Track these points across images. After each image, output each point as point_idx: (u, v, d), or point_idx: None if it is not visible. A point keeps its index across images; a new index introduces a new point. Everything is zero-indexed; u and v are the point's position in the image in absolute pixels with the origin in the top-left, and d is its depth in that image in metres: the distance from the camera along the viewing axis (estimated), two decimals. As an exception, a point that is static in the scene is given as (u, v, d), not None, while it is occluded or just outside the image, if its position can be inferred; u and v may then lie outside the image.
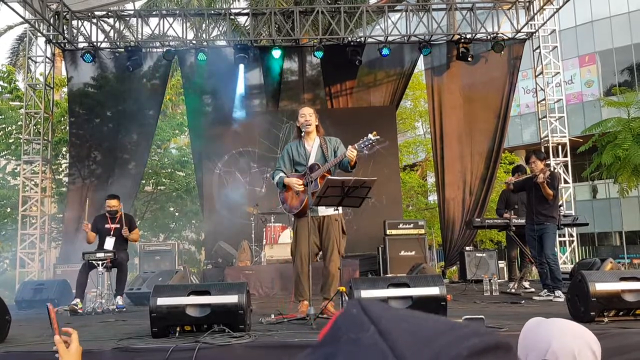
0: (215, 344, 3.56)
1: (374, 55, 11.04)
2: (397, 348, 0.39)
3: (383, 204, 10.59)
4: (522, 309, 5.57)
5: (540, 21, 10.99)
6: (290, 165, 5.23)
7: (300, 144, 5.23)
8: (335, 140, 5.27)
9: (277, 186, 5.23)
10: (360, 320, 0.43)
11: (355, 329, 0.42)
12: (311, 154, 5.16)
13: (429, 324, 0.42)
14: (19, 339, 4.26)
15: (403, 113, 19.01)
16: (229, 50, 11.00)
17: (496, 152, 11.06)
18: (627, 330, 3.79)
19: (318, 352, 0.44)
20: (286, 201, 5.21)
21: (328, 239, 5.07)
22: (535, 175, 6.33)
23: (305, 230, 4.93)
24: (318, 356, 0.43)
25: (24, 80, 12.40)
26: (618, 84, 21.99)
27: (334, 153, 5.12)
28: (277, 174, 5.19)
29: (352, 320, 0.43)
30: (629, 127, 14.15)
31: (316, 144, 5.20)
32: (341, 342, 0.42)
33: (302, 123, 5.17)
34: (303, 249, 5.01)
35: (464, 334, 0.41)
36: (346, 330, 0.43)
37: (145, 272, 8.32)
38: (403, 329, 0.41)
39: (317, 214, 5.03)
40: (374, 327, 0.41)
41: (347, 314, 0.44)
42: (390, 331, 0.41)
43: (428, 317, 0.44)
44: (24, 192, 10.71)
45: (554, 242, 6.63)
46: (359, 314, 0.43)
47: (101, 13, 11.09)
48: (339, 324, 0.44)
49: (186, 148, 17.15)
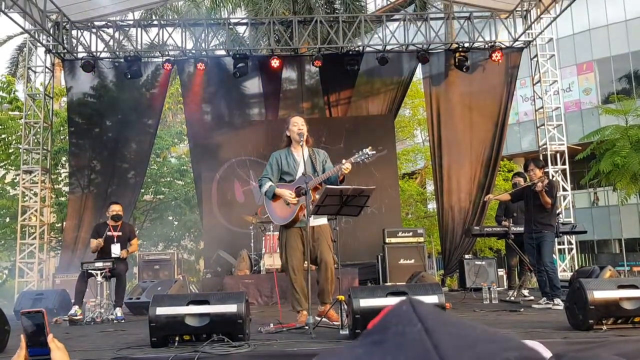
0: (214, 353, 3.56)
1: (372, 64, 11.08)
2: (440, 347, 0.41)
3: (382, 213, 10.60)
4: (521, 317, 5.56)
5: (538, 30, 11.04)
6: (278, 174, 5.15)
7: (289, 154, 5.17)
8: (323, 154, 5.24)
9: (266, 195, 5.10)
10: (409, 316, 0.45)
11: (404, 322, 0.45)
12: (300, 164, 5.09)
13: (472, 330, 0.44)
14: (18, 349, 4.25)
15: (402, 121, 19.06)
16: (228, 59, 11.05)
17: (494, 160, 11.08)
18: (625, 337, 3.79)
19: (368, 339, 0.46)
20: (275, 211, 5.10)
21: (321, 247, 5.04)
22: (534, 184, 6.34)
23: (294, 241, 4.93)
24: (368, 342, 0.45)
25: (24, 91, 12.43)
26: (616, 91, 22.03)
27: (323, 166, 5.11)
28: (266, 183, 5.07)
29: (401, 315, 0.46)
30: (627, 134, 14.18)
31: (305, 155, 5.12)
32: (389, 332, 0.45)
33: (297, 133, 5.03)
34: (295, 260, 5.00)
35: (505, 345, 0.43)
36: (395, 322, 0.45)
37: (144, 282, 8.30)
38: (447, 331, 0.43)
39: (304, 225, 4.83)
40: (421, 324, 0.44)
41: (398, 309, 0.47)
42: (435, 330, 0.43)
43: (472, 324, 0.46)
44: (23, 201, 10.71)
45: (552, 250, 6.64)
46: (409, 311, 0.46)
47: (101, 23, 11.14)
48: (389, 317, 0.47)
49: (185, 157, 17.18)
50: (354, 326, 4.01)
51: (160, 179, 16.45)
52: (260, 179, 5.16)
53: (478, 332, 0.45)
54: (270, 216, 5.21)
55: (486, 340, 0.43)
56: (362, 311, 3.97)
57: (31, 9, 9.58)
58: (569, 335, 3.99)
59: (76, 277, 7.28)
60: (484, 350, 0.42)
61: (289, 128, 5.15)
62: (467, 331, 0.44)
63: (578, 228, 8.73)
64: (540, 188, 6.17)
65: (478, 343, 0.43)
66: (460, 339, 0.43)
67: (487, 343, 0.43)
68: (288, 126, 5.17)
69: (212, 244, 10.69)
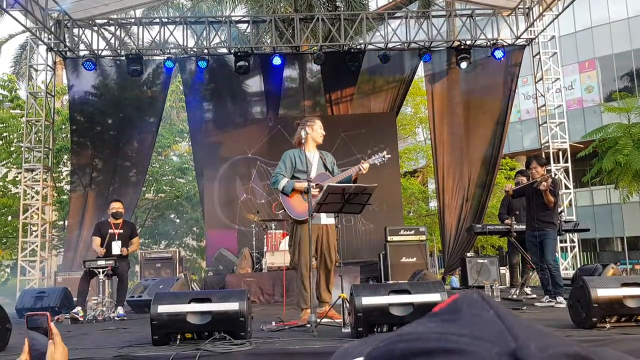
0: (216, 351, 3.56)
1: (374, 62, 11.07)
2: (513, 330, 0.43)
3: (384, 211, 10.58)
4: (524, 315, 5.55)
5: (540, 27, 11.01)
6: (292, 172, 5.22)
7: (302, 153, 5.25)
8: (331, 156, 5.46)
9: (283, 191, 5.14)
10: (481, 303, 0.47)
11: (477, 307, 0.46)
12: (313, 164, 5.24)
13: (539, 326, 0.47)
14: (19, 347, 4.24)
15: (403, 119, 19.03)
16: (229, 57, 11.04)
17: (495, 158, 11.07)
18: (629, 336, 3.78)
19: (437, 317, 0.46)
20: (294, 207, 5.15)
21: (329, 245, 5.17)
22: (536, 181, 6.30)
23: (307, 237, 4.95)
24: (437, 319, 0.46)
25: (25, 89, 12.43)
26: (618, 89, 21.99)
27: (332, 168, 5.31)
28: (282, 179, 5.13)
29: (472, 301, 0.47)
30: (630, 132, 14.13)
31: (316, 155, 5.31)
32: (462, 313, 0.46)
33: (321, 136, 5.31)
34: (307, 257, 5.04)
35: (570, 341, 0.44)
36: (467, 306, 0.46)
37: (146, 280, 8.30)
38: (518, 320, 0.45)
39: (319, 222, 5.09)
40: (493, 311, 0.45)
41: (468, 296, 0.48)
42: (507, 317, 0.45)
43: (537, 323, 0.49)
44: (25, 200, 10.72)
45: (555, 248, 6.61)
46: (480, 299, 0.47)
47: (102, 21, 11.13)
48: (460, 301, 0.47)
49: (187, 155, 17.17)
50: (357, 324, 4.00)
51: (162, 177, 16.45)
52: (275, 176, 5.20)
53: (543, 328, 0.47)
54: (288, 212, 5.20)
55: (552, 335, 0.45)
56: (365, 309, 3.96)
57: (33, 7, 9.57)
58: (572, 333, 3.98)
59: (78, 276, 7.29)
60: (554, 340, 0.43)
61: (311, 129, 5.27)
62: (534, 325, 0.46)
63: (581, 226, 8.70)
64: (545, 188, 6.12)
65: (547, 334, 0.44)
66: (529, 328, 0.44)
67: (554, 337, 0.45)
68: (306, 127, 5.27)
69: (213, 242, 10.69)
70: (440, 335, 0.44)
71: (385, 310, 3.96)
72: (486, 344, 0.42)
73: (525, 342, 0.42)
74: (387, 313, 3.95)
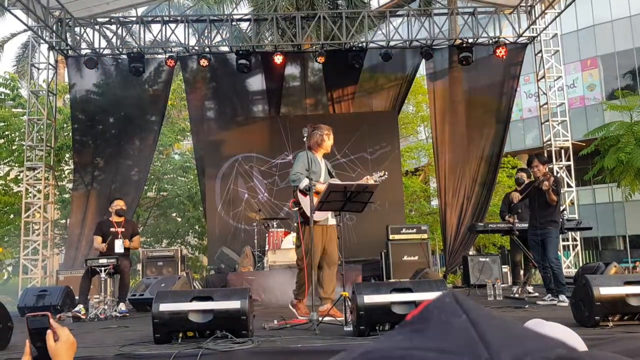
0: (217, 350, 3.55)
1: (375, 60, 11.05)
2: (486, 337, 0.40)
3: (386, 209, 10.57)
4: (526, 313, 5.54)
5: (542, 25, 10.99)
6: (308, 172, 5.20)
7: (314, 156, 5.40)
8: (329, 165, 5.67)
9: (306, 189, 5.05)
10: (453, 308, 0.44)
11: (447, 313, 0.44)
12: (322, 168, 5.44)
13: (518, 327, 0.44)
14: (21, 345, 4.24)
15: (405, 118, 19.00)
16: (231, 55, 11.03)
17: (497, 156, 11.07)
18: (632, 334, 3.76)
19: (407, 327, 0.45)
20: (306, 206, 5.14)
21: (333, 246, 5.27)
22: (538, 180, 6.29)
23: (317, 238, 5.02)
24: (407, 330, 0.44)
25: (27, 87, 12.44)
26: (620, 87, 21.93)
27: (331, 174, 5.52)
28: (304, 178, 5.08)
29: (444, 306, 0.45)
30: (632, 130, 14.11)
31: (323, 163, 5.51)
32: (431, 321, 0.44)
33: (330, 147, 5.54)
34: (317, 258, 5.10)
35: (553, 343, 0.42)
36: (438, 313, 0.44)
37: (147, 278, 8.31)
38: (493, 324, 0.42)
39: (327, 223, 5.27)
40: (466, 316, 0.43)
41: (440, 301, 0.46)
42: (481, 322, 0.42)
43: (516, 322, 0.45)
44: (26, 198, 10.73)
45: (557, 246, 6.59)
46: (452, 303, 0.45)
47: (104, 20, 11.12)
48: (431, 307, 0.46)
49: (189, 153, 17.17)
50: (358, 322, 3.99)
51: (164, 175, 16.45)
52: (296, 174, 5.23)
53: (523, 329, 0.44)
54: (307, 211, 5.14)
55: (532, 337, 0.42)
56: (367, 307, 3.95)
57: (34, 6, 9.58)
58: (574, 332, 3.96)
59: (80, 274, 7.29)
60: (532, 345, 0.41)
61: (328, 138, 5.47)
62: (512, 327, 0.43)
63: (583, 224, 8.68)
64: (548, 187, 6.10)
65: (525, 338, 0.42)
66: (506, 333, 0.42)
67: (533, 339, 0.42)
68: (324, 134, 5.47)
69: (215, 241, 10.69)
70: (405, 351, 0.42)
71: (387, 308, 3.95)
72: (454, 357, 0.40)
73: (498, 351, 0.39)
74: (389, 311, 3.94)
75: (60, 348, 1.36)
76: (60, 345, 1.38)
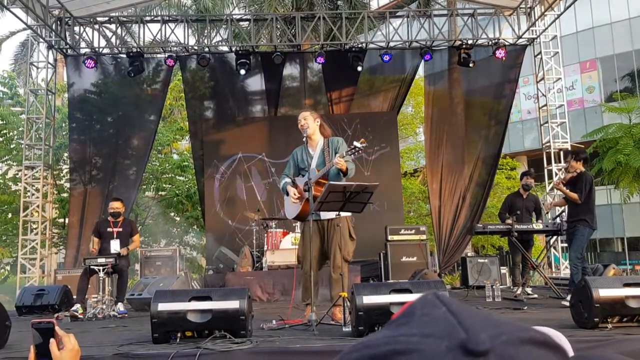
0: (216, 349, 3.54)
1: (375, 61, 11.04)
2: (465, 323, 0.44)
3: (384, 210, 10.57)
4: (525, 314, 5.54)
5: (542, 27, 10.99)
6: (296, 170, 5.25)
7: (305, 149, 5.21)
8: (337, 141, 5.17)
9: (282, 191, 5.27)
10: (434, 302, 0.48)
11: (429, 306, 0.48)
12: (313, 158, 5.13)
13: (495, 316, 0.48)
14: (19, 345, 4.24)
15: (404, 119, 19.00)
16: (230, 55, 11.02)
17: (495, 158, 11.08)
18: (631, 336, 3.76)
19: (393, 324, 0.48)
20: (287, 206, 5.29)
21: (330, 244, 5.05)
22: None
23: (308, 234, 4.94)
24: (393, 325, 0.48)
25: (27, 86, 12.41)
26: (619, 90, 21.97)
27: (335, 154, 5.00)
28: (283, 179, 5.24)
29: (426, 302, 0.49)
30: (630, 133, 14.10)
31: (319, 148, 5.17)
32: (415, 315, 0.48)
33: (300, 129, 5.17)
34: (307, 253, 5.01)
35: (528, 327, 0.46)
36: (420, 307, 0.48)
37: (146, 278, 8.28)
38: (472, 314, 0.46)
39: (319, 218, 4.98)
40: (445, 307, 0.47)
41: (422, 298, 0.50)
42: (460, 312, 0.46)
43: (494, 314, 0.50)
44: (25, 197, 10.70)
45: (581, 245, 6.55)
46: (433, 299, 0.49)
47: (103, 19, 11.11)
48: (414, 305, 0.49)
49: (187, 153, 17.13)
50: (357, 323, 3.99)
51: (162, 175, 16.42)
52: (281, 176, 5.33)
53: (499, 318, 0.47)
54: (286, 211, 5.36)
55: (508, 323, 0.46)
56: (366, 308, 3.94)
57: (33, 5, 9.56)
58: (574, 333, 3.96)
59: (78, 273, 7.28)
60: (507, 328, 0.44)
61: (301, 127, 5.18)
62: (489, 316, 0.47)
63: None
64: (557, 182, 6.15)
65: (501, 323, 0.45)
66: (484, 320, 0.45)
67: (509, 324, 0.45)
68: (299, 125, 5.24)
69: (214, 241, 10.67)
70: (390, 338, 0.45)
71: (386, 309, 3.94)
72: (435, 340, 0.43)
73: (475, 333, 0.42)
74: (388, 312, 3.93)
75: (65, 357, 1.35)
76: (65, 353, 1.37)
